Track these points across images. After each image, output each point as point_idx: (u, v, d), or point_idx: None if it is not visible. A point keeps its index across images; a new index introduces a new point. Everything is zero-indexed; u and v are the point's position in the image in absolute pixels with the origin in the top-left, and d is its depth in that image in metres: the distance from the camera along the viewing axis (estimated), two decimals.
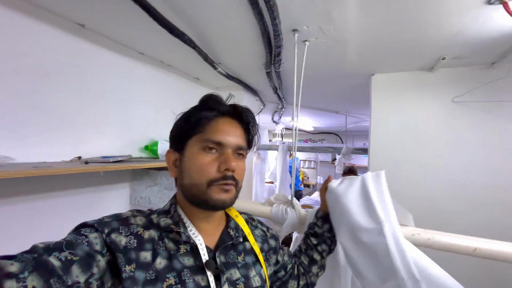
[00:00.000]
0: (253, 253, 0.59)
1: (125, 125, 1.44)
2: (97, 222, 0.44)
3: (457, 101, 1.50)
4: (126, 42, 1.37)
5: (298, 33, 1.14)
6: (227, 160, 0.50)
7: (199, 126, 0.52)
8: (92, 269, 0.38)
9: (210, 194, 0.49)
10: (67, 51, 1.14)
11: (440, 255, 1.12)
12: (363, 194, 0.80)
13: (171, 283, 0.44)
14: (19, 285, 0.31)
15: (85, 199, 1.24)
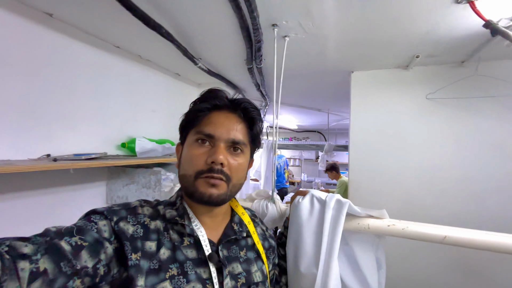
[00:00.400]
0: (255, 249, 0.59)
1: (100, 122, 1.38)
2: (107, 210, 0.46)
3: (430, 98, 1.57)
4: (99, 34, 1.31)
5: (277, 28, 1.13)
6: (215, 153, 0.49)
7: (195, 119, 0.53)
8: (100, 255, 0.39)
9: (196, 186, 0.49)
10: (33, 41, 1.07)
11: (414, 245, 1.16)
12: (319, 224, 0.77)
13: (174, 273, 0.45)
14: (31, 266, 0.32)
15: (56, 199, 1.17)
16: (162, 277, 0.44)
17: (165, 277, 0.44)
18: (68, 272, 0.35)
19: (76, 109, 1.24)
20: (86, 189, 1.32)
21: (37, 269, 0.32)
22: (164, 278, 0.44)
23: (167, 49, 1.40)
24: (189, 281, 0.45)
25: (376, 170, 1.69)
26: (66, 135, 1.21)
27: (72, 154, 1.17)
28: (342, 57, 1.53)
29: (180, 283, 0.44)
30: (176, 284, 0.44)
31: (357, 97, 1.77)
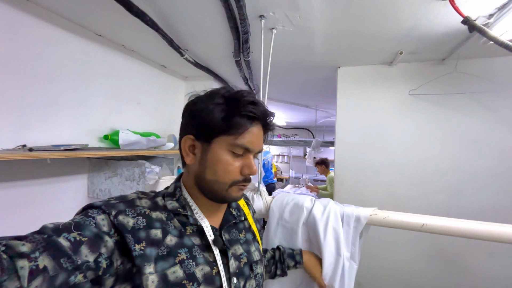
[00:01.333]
0: (251, 231, 0.64)
1: (82, 113, 1.32)
2: (104, 204, 0.45)
3: (412, 94, 1.62)
4: (80, 21, 1.25)
5: (264, 19, 1.13)
6: (251, 166, 0.53)
7: (234, 129, 0.50)
8: (100, 249, 0.40)
9: (230, 192, 0.52)
10: (8, 26, 1.01)
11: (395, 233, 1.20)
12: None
13: (183, 258, 0.47)
14: (31, 264, 0.32)
15: (34, 191, 1.12)
16: (172, 262, 0.45)
17: (175, 262, 0.45)
18: (69, 267, 0.35)
19: (55, 98, 1.19)
20: (66, 181, 1.27)
21: (37, 267, 0.32)
22: (174, 262, 0.45)
23: (152, 39, 1.36)
24: (198, 264, 0.48)
25: (360, 165, 1.73)
26: (44, 126, 1.15)
27: (50, 145, 1.12)
28: (329, 52, 1.54)
29: (190, 266, 0.47)
30: (186, 267, 0.46)
31: (343, 93, 1.80)
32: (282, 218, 0.96)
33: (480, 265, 1.47)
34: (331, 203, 0.96)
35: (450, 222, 0.85)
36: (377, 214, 0.91)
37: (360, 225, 0.89)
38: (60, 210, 1.23)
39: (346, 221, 0.90)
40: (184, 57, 1.54)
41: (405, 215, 0.89)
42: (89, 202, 1.35)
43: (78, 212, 0.45)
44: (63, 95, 1.23)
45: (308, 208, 0.94)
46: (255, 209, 1.00)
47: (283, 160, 7.00)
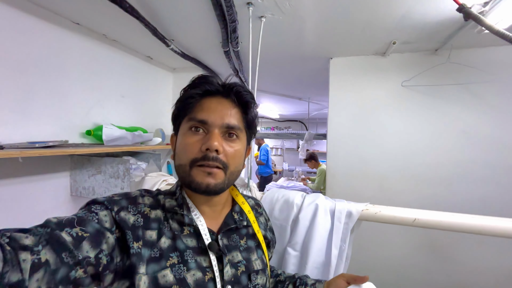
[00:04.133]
0: (255, 238, 0.59)
1: (61, 107, 1.25)
2: (107, 200, 0.46)
3: (405, 85, 1.59)
4: (52, 8, 1.16)
5: (252, 6, 1.07)
6: (209, 139, 0.47)
7: (187, 106, 0.51)
8: (102, 245, 0.40)
9: (193, 176, 0.48)
10: None
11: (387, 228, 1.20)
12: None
13: (174, 262, 0.45)
14: (33, 257, 0.32)
15: (8, 191, 1.05)
16: (163, 265, 0.44)
17: (166, 265, 0.45)
18: (70, 262, 0.35)
19: (29, 91, 1.11)
20: (45, 180, 1.21)
21: (39, 260, 0.32)
22: (165, 266, 0.44)
23: (136, 29, 1.28)
24: (189, 269, 0.46)
25: (352, 157, 1.71)
26: (18, 121, 1.08)
27: (26, 142, 1.05)
28: (321, 42, 1.50)
29: (181, 271, 0.45)
30: (176, 272, 0.45)
31: (335, 84, 1.77)
32: (272, 215, 0.93)
33: (470, 256, 1.49)
34: (321, 198, 0.93)
35: (441, 216, 0.84)
36: (369, 210, 0.89)
37: (351, 221, 0.87)
38: (41, 209, 1.18)
39: (337, 216, 0.88)
40: (170, 47, 1.46)
41: (397, 209, 0.88)
42: (72, 200, 1.30)
43: (82, 207, 0.45)
44: (39, 88, 1.15)
45: (298, 205, 0.91)
46: None
47: (276, 153, 7.00)
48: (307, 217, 0.89)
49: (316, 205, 0.89)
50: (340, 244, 0.87)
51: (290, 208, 0.91)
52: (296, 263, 0.87)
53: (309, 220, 0.88)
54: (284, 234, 0.91)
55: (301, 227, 0.88)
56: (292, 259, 0.87)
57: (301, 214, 0.89)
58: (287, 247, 0.88)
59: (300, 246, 0.88)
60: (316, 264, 0.84)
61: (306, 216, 0.89)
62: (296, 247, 0.87)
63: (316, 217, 0.88)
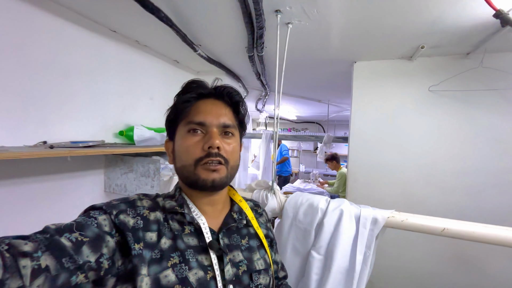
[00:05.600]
0: (257, 237, 0.60)
1: (98, 109, 1.35)
2: (105, 205, 0.46)
3: (433, 90, 1.55)
4: (95, 17, 1.26)
5: (281, 14, 1.10)
6: (210, 138, 0.50)
7: (183, 111, 0.53)
8: (102, 249, 0.40)
9: (198, 174, 0.50)
10: (27, 24, 1.02)
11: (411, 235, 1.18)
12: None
13: (176, 262, 0.46)
14: (33, 263, 0.32)
15: (52, 186, 1.15)
16: (165, 266, 0.45)
17: (167, 266, 0.45)
18: (70, 267, 0.35)
19: (71, 95, 1.21)
20: (83, 177, 1.30)
21: (39, 266, 0.32)
22: (167, 266, 0.45)
23: (165, 35, 1.35)
24: (191, 268, 0.46)
25: (375, 162, 1.69)
26: (62, 122, 1.18)
27: (69, 141, 1.15)
28: (346, 47, 1.49)
29: (183, 270, 0.46)
30: (178, 271, 0.45)
31: (359, 88, 1.75)
32: (296, 218, 0.95)
33: (500, 269, 1.42)
34: (346, 203, 0.94)
35: (473, 227, 0.82)
36: (395, 217, 0.89)
37: (377, 227, 0.87)
38: (79, 203, 1.27)
39: (362, 223, 0.88)
40: (197, 52, 1.52)
41: (425, 218, 0.87)
42: (106, 196, 1.39)
43: (81, 213, 0.46)
44: (79, 91, 1.25)
45: (322, 209, 0.93)
46: (269, 209, 1.00)
47: (292, 154, 6.96)
48: (331, 222, 0.90)
49: (341, 210, 0.90)
50: (365, 250, 0.87)
51: (315, 212, 0.93)
52: (320, 266, 0.88)
53: (333, 225, 0.90)
54: (308, 238, 0.92)
55: (326, 232, 0.89)
56: (316, 262, 0.88)
57: (326, 218, 0.90)
58: (311, 251, 0.90)
59: (324, 250, 0.89)
60: (341, 269, 0.85)
61: (330, 221, 0.90)
62: (320, 251, 0.89)
63: (341, 222, 0.89)
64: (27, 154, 0.78)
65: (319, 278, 0.87)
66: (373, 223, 0.88)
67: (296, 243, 0.94)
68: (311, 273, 0.88)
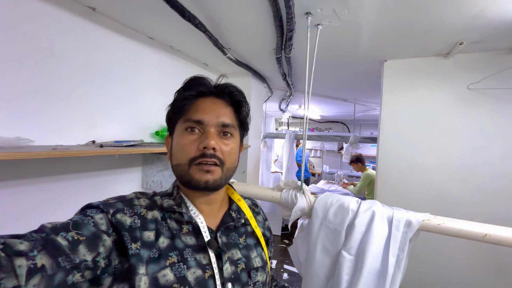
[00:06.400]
0: (254, 235, 0.60)
1: (136, 111, 1.46)
2: (102, 204, 0.45)
3: (472, 88, 1.46)
4: (135, 26, 1.36)
5: (311, 16, 1.11)
6: (206, 138, 0.49)
7: (182, 108, 0.52)
8: (99, 248, 0.39)
9: (191, 174, 0.49)
10: (78, 34, 1.14)
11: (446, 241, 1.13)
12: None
13: (174, 261, 0.46)
14: (28, 262, 0.32)
15: (99, 182, 1.27)
16: (163, 265, 0.44)
17: (165, 265, 0.45)
18: (67, 266, 0.35)
19: (114, 98, 1.33)
20: (124, 173, 1.42)
21: (35, 265, 0.32)
22: (165, 265, 0.45)
23: (197, 40, 1.43)
24: (189, 267, 0.46)
25: (406, 164, 1.63)
26: (106, 123, 1.30)
27: (112, 141, 1.26)
28: (376, 46, 1.46)
29: (181, 269, 0.45)
30: (176, 270, 0.45)
31: (389, 87, 1.70)
32: (326, 218, 0.96)
33: None
34: (378, 205, 0.93)
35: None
36: (430, 220, 0.86)
37: (410, 230, 0.86)
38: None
39: (395, 225, 0.87)
40: (227, 55, 1.58)
41: (464, 222, 0.84)
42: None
43: (77, 212, 0.45)
44: (121, 94, 1.36)
45: (353, 210, 0.93)
46: (298, 208, 1.02)
47: (316, 155, 6.86)
48: (363, 222, 0.90)
49: (373, 211, 0.90)
50: (398, 253, 0.86)
51: (345, 213, 0.93)
52: (351, 267, 0.89)
53: (365, 226, 0.89)
54: (339, 238, 0.93)
55: (357, 233, 0.90)
56: (347, 262, 0.89)
57: (357, 219, 0.90)
58: (342, 251, 0.91)
59: (355, 250, 0.89)
60: (372, 271, 0.85)
61: (362, 222, 0.90)
62: (351, 251, 0.89)
63: (372, 223, 0.88)
64: (84, 152, 0.88)
65: (350, 279, 0.88)
66: (407, 226, 0.86)
67: (326, 242, 0.95)
68: (341, 273, 0.89)
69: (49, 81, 1.05)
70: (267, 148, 3.68)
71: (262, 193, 1.12)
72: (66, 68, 1.11)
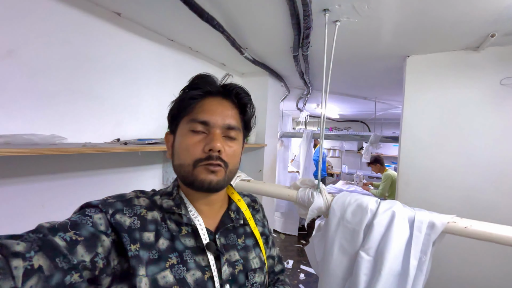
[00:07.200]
0: (253, 236, 0.60)
1: (157, 110, 1.52)
2: (101, 203, 0.45)
3: (506, 83, 1.36)
4: (157, 29, 1.42)
5: (329, 12, 1.09)
6: (212, 140, 0.48)
7: (188, 107, 0.51)
8: (97, 248, 0.39)
9: (196, 174, 0.48)
10: (105, 38, 1.22)
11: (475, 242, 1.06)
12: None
13: (174, 262, 0.46)
14: (25, 263, 0.31)
15: (123, 178, 1.34)
16: (163, 266, 0.44)
17: (165, 266, 0.45)
18: (64, 267, 0.35)
19: (139, 98, 1.39)
20: (146, 170, 1.48)
21: (32, 266, 0.32)
22: (165, 267, 0.45)
23: (215, 41, 1.46)
24: (189, 269, 0.46)
25: (431, 163, 1.55)
26: (130, 122, 1.36)
27: (136, 139, 1.32)
28: (398, 41, 1.40)
29: (181, 271, 0.45)
30: (176, 272, 0.45)
31: (412, 84, 1.63)
32: (343, 218, 0.95)
33: None
34: (399, 205, 0.90)
35: None
36: (456, 222, 0.82)
37: (434, 232, 0.82)
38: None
39: (417, 226, 0.84)
40: (244, 55, 1.60)
41: (494, 226, 0.78)
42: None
43: (76, 211, 0.45)
44: (145, 94, 1.43)
45: (372, 210, 0.91)
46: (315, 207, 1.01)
47: (334, 155, 6.71)
48: (382, 223, 0.87)
49: (393, 212, 0.87)
50: (420, 255, 0.83)
51: (364, 212, 0.91)
52: (369, 267, 0.87)
53: (384, 226, 0.87)
54: (357, 238, 0.91)
55: (376, 233, 0.87)
56: (365, 263, 0.87)
57: (376, 219, 0.88)
58: (360, 251, 0.89)
59: (374, 251, 0.87)
60: (393, 272, 0.83)
61: (381, 222, 0.87)
62: (369, 252, 0.87)
63: (392, 224, 0.86)
64: (110, 149, 0.94)
65: (368, 279, 0.86)
66: (430, 228, 0.83)
67: (344, 242, 0.94)
68: (359, 273, 0.87)
69: (80, 83, 1.12)
70: (284, 148, 3.67)
71: (278, 191, 1.12)
72: (96, 71, 1.18)
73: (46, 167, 1.01)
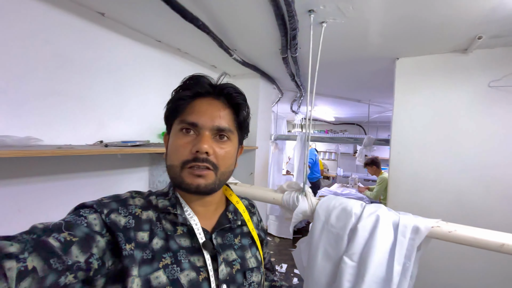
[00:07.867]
0: (250, 236, 0.60)
1: (144, 112, 1.49)
2: (96, 203, 0.45)
3: (494, 85, 1.35)
4: (143, 30, 1.40)
5: (314, 14, 1.08)
6: (199, 142, 0.48)
7: (179, 108, 0.51)
8: (92, 249, 0.39)
9: (182, 177, 0.48)
10: (88, 39, 1.19)
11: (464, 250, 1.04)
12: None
13: (167, 263, 0.45)
14: (19, 265, 0.31)
15: (105, 181, 1.31)
16: (156, 267, 0.44)
17: (158, 266, 0.44)
18: (59, 268, 0.34)
19: (122, 100, 1.37)
20: (131, 173, 1.45)
21: (25, 267, 0.31)
22: (158, 267, 0.44)
23: (204, 42, 1.44)
24: (183, 270, 0.46)
25: (421, 166, 1.54)
26: (114, 124, 1.34)
27: (120, 141, 1.30)
28: (386, 43, 1.40)
29: (174, 271, 0.45)
30: (170, 272, 0.44)
31: (402, 86, 1.62)
32: (328, 222, 0.93)
33: None
34: (383, 209, 0.88)
35: None
36: (440, 227, 0.80)
37: (418, 237, 0.80)
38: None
39: (401, 231, 0.82)
40: (233, 57, 1.58)
41: (478, 230, 0.77)
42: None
43: (70, 211, 0.44)
44: (130, 97, 1.40)
45: (357, 214, 0.88)
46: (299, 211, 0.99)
47: (330, 157, 6.70)
48: (366, 228, 0.85)
49: (377, 216, 0.85)
50: (404, 261, 0.80)
51: (348, 216, 0.89)
52: (353, 273, 0.84)
53: (368, 231, 0.85)
54: (341, 243, 0.89)
55: (360, 238, 0.85)
56: (348, 269, 0.84)
57: (360, 224, 0.86)
58: (344, 256, 0.86)
59: (357, 257, 0.85)
60: (376, 279, 0.80)
61: (365, 227, 0.85)
62: (353, 257, 0.85)
63: (376, 229, 0.84)
64: (87, 151, 0.91)
65: (351, 286, 0.83)
66: (414, 232, 0.81)
67: (328, 247, 0.91)
68: (343, 279, 0.84)
69: (60, 83, 1.10)
70: (279, 150, 3.64)
71: (263, 195, 1.10)
72: (77, 71, 1.16)
73: (21, 171, 0.98)
